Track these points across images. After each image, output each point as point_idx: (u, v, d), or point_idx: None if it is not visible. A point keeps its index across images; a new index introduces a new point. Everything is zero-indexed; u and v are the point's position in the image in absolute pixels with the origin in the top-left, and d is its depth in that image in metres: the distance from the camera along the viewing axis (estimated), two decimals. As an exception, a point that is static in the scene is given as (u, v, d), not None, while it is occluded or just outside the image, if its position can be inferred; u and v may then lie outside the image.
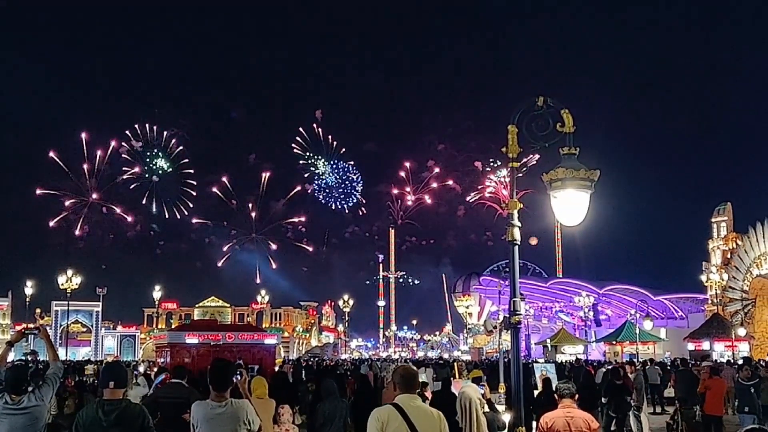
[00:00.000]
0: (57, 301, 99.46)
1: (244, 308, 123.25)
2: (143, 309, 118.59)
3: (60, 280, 67.06)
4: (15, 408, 7.45)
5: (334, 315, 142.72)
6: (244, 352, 31.44)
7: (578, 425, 8.53)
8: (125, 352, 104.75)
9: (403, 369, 6.76)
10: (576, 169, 7.06)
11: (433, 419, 6.36)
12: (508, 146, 7.54)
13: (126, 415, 6.85)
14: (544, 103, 7.33)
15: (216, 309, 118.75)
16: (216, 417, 7.19)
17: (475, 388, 10.14)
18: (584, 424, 8.57)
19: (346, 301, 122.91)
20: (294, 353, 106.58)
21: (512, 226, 7.38)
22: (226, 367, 7.65)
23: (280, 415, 10.35)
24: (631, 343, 56.23)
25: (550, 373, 21.24)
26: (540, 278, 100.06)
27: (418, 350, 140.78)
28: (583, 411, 8.96)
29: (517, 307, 7.42)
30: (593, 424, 8.66)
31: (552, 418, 8.70)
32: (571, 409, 8.69)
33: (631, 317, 62.88)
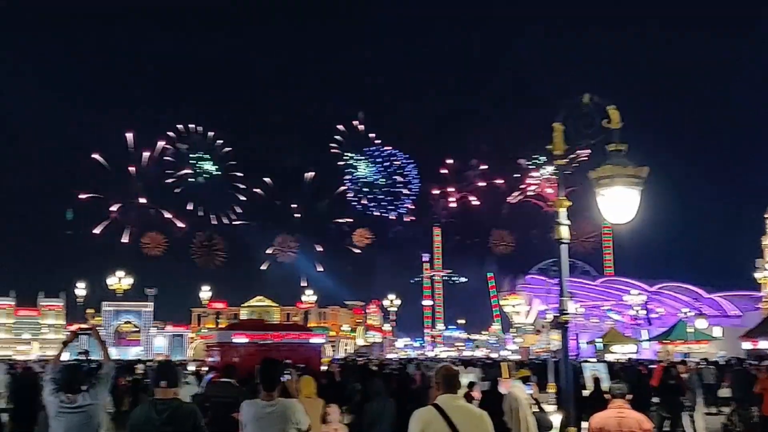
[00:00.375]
0: (108, 302, 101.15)
1: (290, 308, 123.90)
2: (192, 309, 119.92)
3: (110, 282, 68.15)
4: (70, 407, 7.59)
5: (381, 314, 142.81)
6: (291, 351, 31.53)
7: (630, 426, 8.39)
8: (175, 351, 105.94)
9: (445, 369, 6.77)
10: (624, 166, 6.97)
11: (476, 418, 6.34)
12: (554, 144, 7.47)
13: (178, 414, 6.91)
14: (589, 100, 7.25)
15: (263, 308, 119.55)
16: (265, 416, 7.23)
17: (523, 388, 10.08)
18: (636, 424, 8.43)
19: (392, 301, 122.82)
20: (340, 353, 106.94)
21: (560, 224, 7.32)
22: (275, 367, 7.68)
23: (328, 415, 10.39)
24: (684, 343, 55.49)
25: (600, 373, 21.02)
26: (589, 277, 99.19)
27: (465, 350, 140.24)
28: (636, 411, 8.83)
29: (565, 307, 7.35)
30: (645, 425, 8.50)
31: (603, 418, 8.59)
32: (622, 410, 8.55)
33: (683, 316, 62.07)
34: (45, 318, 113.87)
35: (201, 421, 7.18)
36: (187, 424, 6.95)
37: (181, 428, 6.87)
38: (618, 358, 55.44)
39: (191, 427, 6.98)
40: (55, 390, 7.65)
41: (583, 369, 23.05)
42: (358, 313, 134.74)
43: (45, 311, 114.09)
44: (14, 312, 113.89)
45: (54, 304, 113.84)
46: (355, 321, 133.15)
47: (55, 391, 7.64)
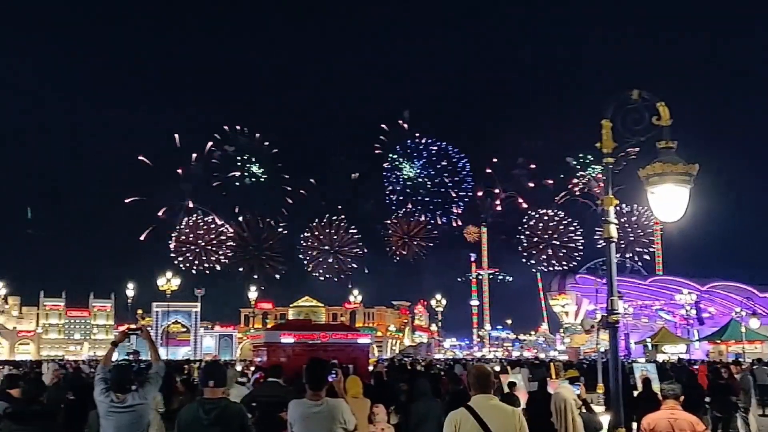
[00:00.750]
0: (157, 302, 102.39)
1: (337, 308, 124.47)
2: (240, 309, 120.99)
3: (159, 282, 68.99)
4: (120, 406, 7.68)
5: (427, 314, 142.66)
6: (338, 351, 31.51)
7: (682, 427, 8.26)
8: (223, 351, 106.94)
9: (476, 369, 6.77)
10: (674, 164, 6.86)
11: (508, 416, 6.32)
12: (602, 141, 7.38)
13: (226, 414, 6.94)
14: (639, 96, 7.14)
15: (310, 309, 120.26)
16: (312, 416, 7.25)
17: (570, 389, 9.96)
18: (689, 426, 8.28)
19: (438, 301, 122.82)
20: (387, 353, 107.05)
21: (608, 223, 7.22)
22: (322, 367, 7.70)
23: (375, 415, 10.39)
24: (737, 342, 54.56)
25: (650, 373, 20.75)
26: (639, 276, 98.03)
27: (513, 350, 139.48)
28: (688, 413, 8.66)
29: (614, 306, 7.25)
30: (698, 427, 8.34)
31: (655, 419, 8.47)
32: (675, 411, 8.42)
33: (736, 315, 61.03)
34: (95, 318, 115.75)
35: (248, 421, 7.24)
36: (234, 423, 6.99)
37: (228, 428, 6.91)
38: (667, 358, 54.71)
39: (238, 426, 7.01)
40: (105, 390, 7.74)
41: (633, 369, 22.80)
42: (404, 314, 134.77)
43: (95, 312, 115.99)
44: (65, 313, 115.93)
45: (104, 305, 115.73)
46: (402, 321, 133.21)
47: (105, 391, 7.74)
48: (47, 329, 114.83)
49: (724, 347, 58.76)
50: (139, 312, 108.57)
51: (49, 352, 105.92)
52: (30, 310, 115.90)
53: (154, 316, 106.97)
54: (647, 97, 7.10)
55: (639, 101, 7.13)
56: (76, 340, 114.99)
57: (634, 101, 7.16)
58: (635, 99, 7.14)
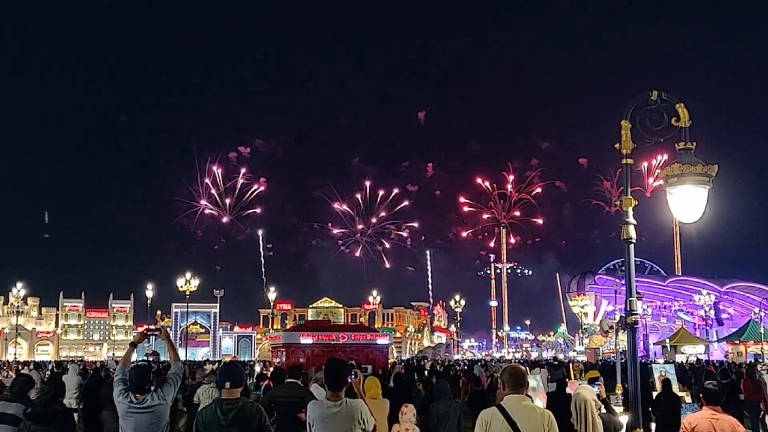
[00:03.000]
0: (176, 303, 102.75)
1: (356, 309, 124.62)
2: (259, 310, 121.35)
3: (179, 283, 69.19)
4: (139, 407, 7.73)
5: (446, 315, 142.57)
6: (357, 352, 31.68)
7: (723, 428, 8.20)
8: (242, 352, 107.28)
9: (512, 368, 6.79)
10: (693, 165, 6.84)
11: (538, 418, 6.33)
12: (622, 142, 7.36)
13: (244, 414, 6.97)
14: (658, 97, 7.13)
15: (329, 309, 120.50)
16: (331, 416, 7.29)
17: (591, 390, 9.94)
18: (730, 428, 8.17)
19: (457, 302, 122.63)
20: (406, 353, 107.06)
21: (627, 224, 7.20)
22: (341, 367, 7.74)
23: (403, 414, 10.41)
24: (756, 343, 54.26)
25: (669, 374, 20.64)
26: (658, 276, 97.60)
27: (532, 351, 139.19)
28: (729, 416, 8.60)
29: (633, 307, 7.24)
30: (739, 429, 8.30)
31: (696, 419, 8.44)
32: (716, 412, 8.40)
33: (755, 316, 60.70)
34: (115, 319, 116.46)
35: (266, 421, 7.25)
36: (252, 423, 7.02)
37: (246, 428, 6.95)
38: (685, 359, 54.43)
39: (256, 426, 7.04)
40: (124, 390, 7.80)
41: (652, 370, 22.69)
42: (424, 315, 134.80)
43: (114, 312, 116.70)
44: (84, 313, 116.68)
45: (123, 306, 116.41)
46: (421, 322, 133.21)
47: (124, 392, 7.79)
48: (66, 330, 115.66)
49: (743, 348, 58.43)
50: (159, 313, 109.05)
51: (68, 353, 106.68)
52: (49, 311, 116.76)
53: (174, 316, 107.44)
54: (666, 98, 7.09)
55: (658, 102, 7.12)
56: (95, 341, 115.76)
57: (654, 102, 7.15)
58: (654, 100, 7.13)
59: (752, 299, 73.59)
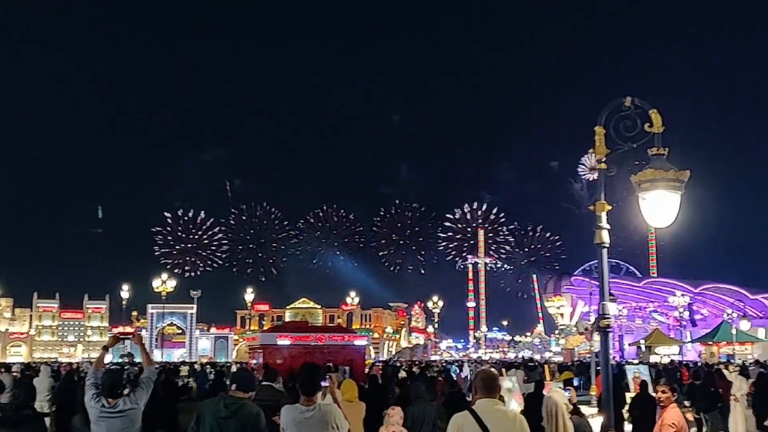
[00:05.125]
0: (152, 304, 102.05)
1: (334, 310, 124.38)
2: (236, 311, 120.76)
3: (155, 284, 68.85)
4: (111, 411, 7.71)
5: (424, 316, 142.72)
6: (334, 353, 31.59)
7: None
8: (219, 353, 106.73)
9: (483, 373, 6.82)
10: (665, 170, 6.91)
11: (510, 422, 6.37)
12: (596, 147, 7.42)
13: (244, 411, 7.52)
14: (631, 103, 7.20)
15: (307, 310, 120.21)
16: (304, 421, 7.32)
17: (562, 393, 9.98)
18: None
19: (435, 302, 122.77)
20: (384, 354, 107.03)
21: (600, 228, 7.26)
22: (315, 372, 7.80)
23: (390, 416, 10.42)
24: (728, 344, 54.71)
25: (643, 375, 20.81)
26: (633, 278, 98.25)
27: (509, 351, 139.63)
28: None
29: (606, 311, 7.30)
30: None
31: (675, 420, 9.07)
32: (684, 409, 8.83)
33: (727, 317, 61.20)
34: (90, 320, 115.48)
35: (262, 423, 7.62)
36: (249, 421, 7.50)
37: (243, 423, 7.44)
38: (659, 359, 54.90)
39: (252, 426, 7.50)
40: (95, 395, 7.77)
41: (626, 372, 22.87)
42: (402, 315, 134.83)
43: (90, 313, 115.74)
44: (59, 314, 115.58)
45: (99, 306, 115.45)
46: (399, 323, 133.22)
47: (96, 396, 7.76)
48: (40, 331, 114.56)
49: (715, 348, 58.97)
50: (134, 314, 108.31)
51: (42, 354, 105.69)
52: (23, 311, 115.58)
53: (150, 317, 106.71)
54: (640, 104, 7.16)
55: (631, 108, 7.19)
56: (69, 342, 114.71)
57: (627, 108, 7.22)
58: (628, 106, 7.20)
59: (725, 300, 74.18)
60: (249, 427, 7.48)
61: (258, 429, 7.53)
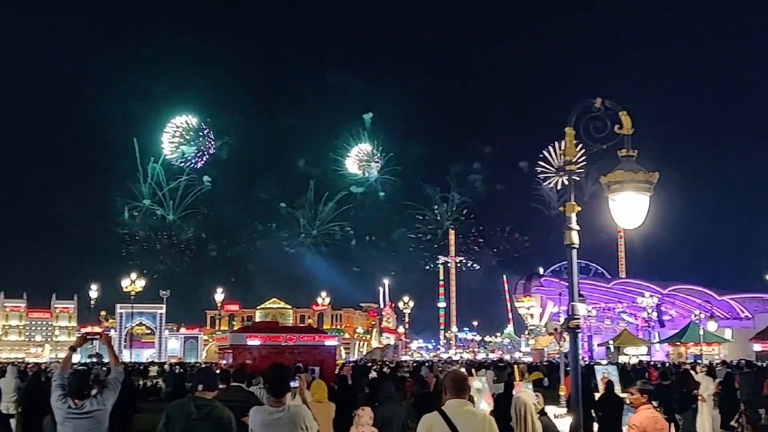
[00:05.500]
0: (121, 304, 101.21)
1: (305, 310, 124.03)
2: (206, 311, 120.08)
3: (124, 283, 68.22)
4: (78, 412, 7.62)
5: (395, 316, 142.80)
6: (305, 353, 31.46)
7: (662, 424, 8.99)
8: (189, 353, 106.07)
9: (453, 374, 6.85)
10: (635, 172, 6.95)
11: (479, 422, 6.39)
12: (566, 149, 7.44)
13: (215, 413, 7.45)
14: (601, 105, 7.22)
15: (277, 311, 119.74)
16: (273, 422, 7.28)
17: (531, 394, 10.02)
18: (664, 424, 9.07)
19: (406, 303, 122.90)
20: (355, 355, 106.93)
21: (570, 229, 7.27)
22: (284, 373, 7.76)
23: (359, 417, 10.40)
24: (696, 344, 55.31)
25: (611, 375, 20.93)
26: (602, 279, 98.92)
27: (479, 352, 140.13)
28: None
29: (575, 312, 7.32)
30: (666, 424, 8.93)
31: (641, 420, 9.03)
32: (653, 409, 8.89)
33: (695, 318, 61.89)
34: (57, 320, 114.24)
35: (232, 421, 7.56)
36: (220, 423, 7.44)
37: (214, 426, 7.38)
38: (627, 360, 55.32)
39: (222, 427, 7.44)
40: (62, 396, 7.68)
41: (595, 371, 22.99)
42: (372, 316, 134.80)
43: (58, 313, 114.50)
44: (26, 314, 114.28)
45: (67, 306, 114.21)
46: (370, 323, 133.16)
47: (63, 397, 7.67)
48: (7, 331, 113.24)
49: (683, 349, 59.56)
50: (103, 314, 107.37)
51: (8, 354, 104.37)
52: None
53: (118, 317, 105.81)
54: (610, 105, 7.19)
55: (601, 110, 7.21)
56: (37, 342, 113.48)
57: (597, 110, 7.24)
58: (598, 107, 7.22)
59: (693, 301, 74.99)
60: (222, 429, 7.42)
61: (228, 430, 7.49)
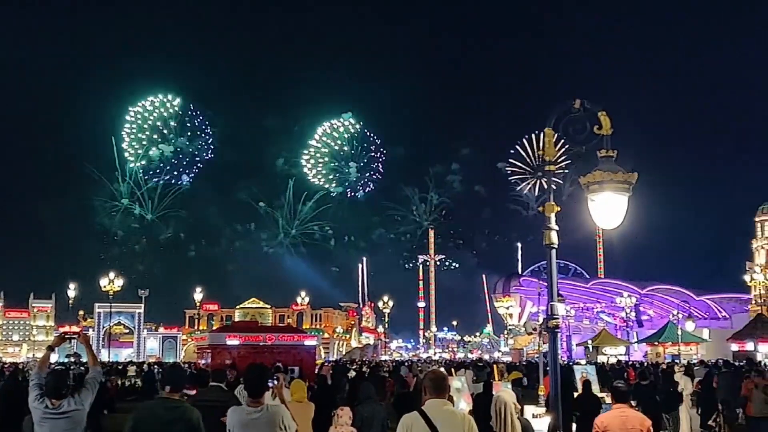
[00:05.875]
0: (99, 303, 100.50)
1: (284, 309, 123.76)
2: (185, 310, 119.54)
3: (102, 283, 67.69)
4: (55, 412, 7.56)
5: (374, 316, 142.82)
6: (284, 353, 31.38)
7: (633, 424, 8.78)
8: (167, 353, 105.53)
9: (433, 374, 6.85)
10: (614, 172, 6.97)
11: (459, 422, 6.40)
12: (545, 149, 7.46)
13: (184, 415, 7.32)
14: (581, 106, 7.24)
15: (256, 310, 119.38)
16: (251, 422, 7.27)
17: (511, 393, 10.06)
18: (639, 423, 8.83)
19: (385, 302, 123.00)
20: (334, 354, 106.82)
21: (549, 229, 7.29)
22: (262, 373, 7.72)
23: (338, 417, 10.39)
24: (674, 344, 55.65)
25: (590, 375, 21.01)
26: (581, 279, 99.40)
27: (458, 351, 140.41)
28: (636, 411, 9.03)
29: (554, 312, 7.35)
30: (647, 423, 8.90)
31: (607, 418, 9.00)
32: (625, 410, 8.79)
33: (673, 318, 62.25)
34: (35, 319, 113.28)
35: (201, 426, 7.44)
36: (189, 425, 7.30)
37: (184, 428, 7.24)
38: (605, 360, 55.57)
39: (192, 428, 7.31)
40: (39, 396, 7.61)
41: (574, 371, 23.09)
42: (352, 315, 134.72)
43: (35, 313, 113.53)
44: (3, 313, 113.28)
45: (44, 306, 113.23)
46: (349, 323, 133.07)
47: (40, 397, 7.61)
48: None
49: (661, 349, 59.90)
50: (81, 313, 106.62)
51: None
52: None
53: (97, 317, 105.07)
54: (589, 106, 7.21)
55: (581, 110, 7.23)
56: (14, 341, 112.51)
57: (576, 110, 7.26)
58: (577, 108, 7.24)
59: (671, 301, 75.43)
60: (192, 430, 7.32)
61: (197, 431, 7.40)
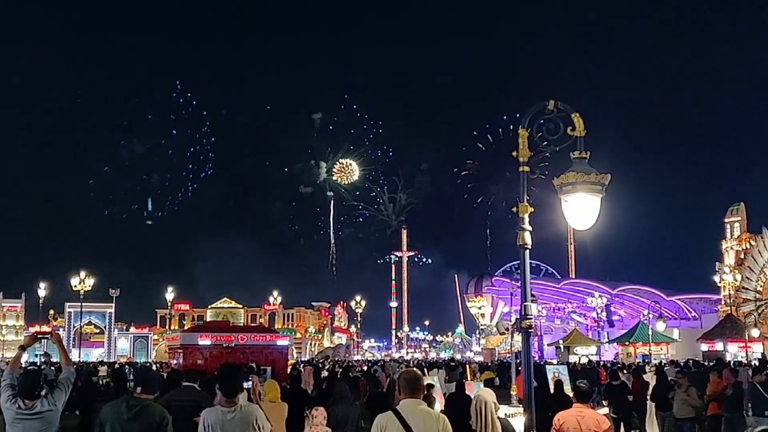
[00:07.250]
0: (70, 303, 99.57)
1: (256, 309, 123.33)
2: (156, 310, 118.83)
3: (73, 282, 67.02)
4: (28, 413, 7.49)
5: (347, 316, 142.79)
6: (256, 353, 31.32)
7: (588, 424, 8.81)
8: (138, 353, 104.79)
9: (407, 373, 6.86)
10: (587, 173, 7.03)
11: (433, 422, 6.41)
12: (519, 150, 7.50)
13: (147, 412, 7.31)
14: (555, 107, 7.30)
15: (228, 310, 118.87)
16: (226, 423, 7.26)
17: (491, 392, 10.08)
18: (594, 424, 8.85)
19: (358, 302, 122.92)
20: (306, 354, 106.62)
21: (523, 230, 7.34)
22: (235, 373, 7.71)
23: (313, 417, 10.39)
24: (644, 344, 56.10)
25: (562, 375, 21.14)
26: (553, 279, 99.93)
27: (430, 351, 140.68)
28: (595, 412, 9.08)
29: (528, 312, 7.39)
30: (604, 425, 8.88)
31: (564, 416, 8.95)
32: (583, 409, 8.86)
33: (644, 318, 62.73)
34: (5, 319, 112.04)
35: (168, 423, 7.40)
36: (152, 422, 7.29)
37: (146, 425, 7.24)
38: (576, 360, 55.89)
39: (156, 426, 7.30)
40: (12, 396, 7.53)
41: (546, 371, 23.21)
42: (324, 315, 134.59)
43: (5, 312, 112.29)
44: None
45: (14, 305, 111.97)
46: (322, 323, 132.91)
47: (12, 398, 7.52)
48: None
49: (632, 349, 60.34)
50: (51, 312, 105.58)
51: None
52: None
53: (67, 316, 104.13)
54: (563, 108, 7.26)
55: (555, 112, 7.28)
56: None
57: (551, 111, 7.31)
58: (551, 109, 7.30)
59: (642, 302, 76.07)
60: (153, 430, 7.30)
61: (163, 429, 7.37)
